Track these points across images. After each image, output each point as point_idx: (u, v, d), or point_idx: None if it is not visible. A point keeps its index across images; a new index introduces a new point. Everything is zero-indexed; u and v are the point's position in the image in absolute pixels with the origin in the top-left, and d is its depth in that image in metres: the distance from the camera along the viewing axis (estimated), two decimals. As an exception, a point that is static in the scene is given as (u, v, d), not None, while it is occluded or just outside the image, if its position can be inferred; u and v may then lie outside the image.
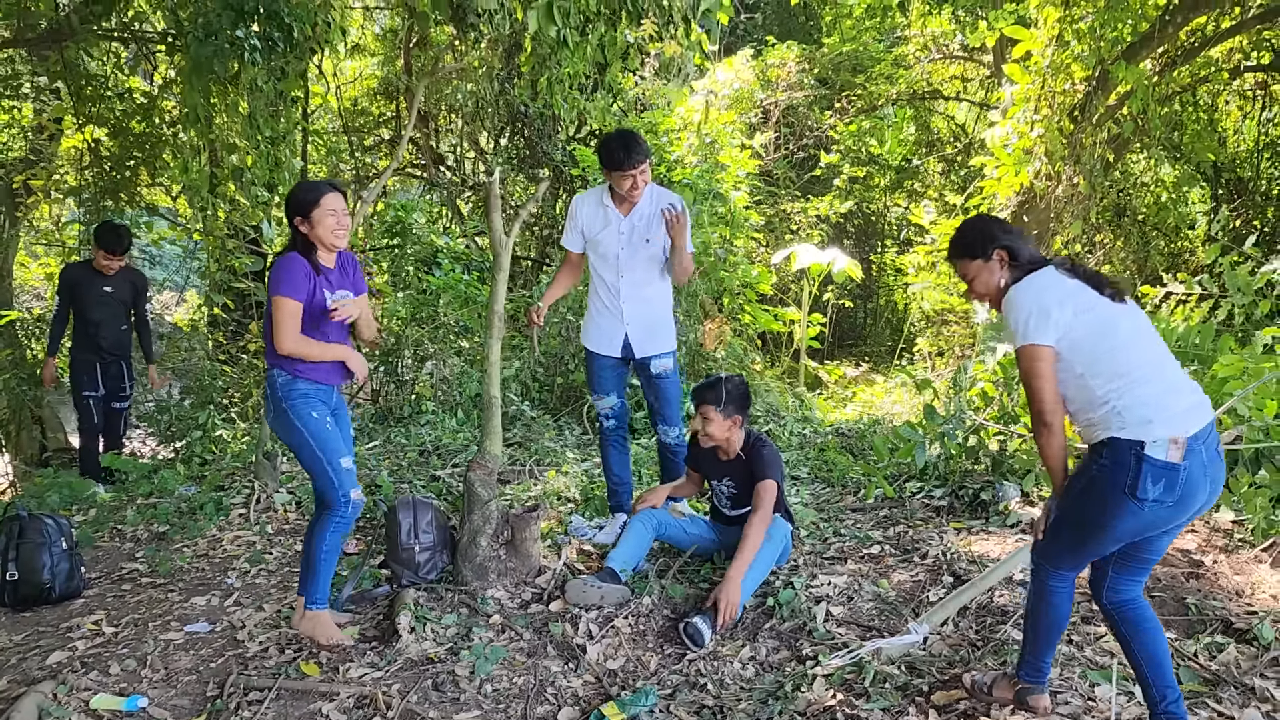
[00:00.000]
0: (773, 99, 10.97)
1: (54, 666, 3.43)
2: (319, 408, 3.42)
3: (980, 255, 2.66)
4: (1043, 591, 2.69)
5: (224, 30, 6.51)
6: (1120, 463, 2.39)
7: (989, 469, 4.90)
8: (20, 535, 4.10)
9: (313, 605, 3.48)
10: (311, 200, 3.35)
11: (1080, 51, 7.19)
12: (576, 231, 4.31)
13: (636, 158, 3.97)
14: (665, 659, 3.44)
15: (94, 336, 5.92)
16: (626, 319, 4.22)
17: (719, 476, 4.11)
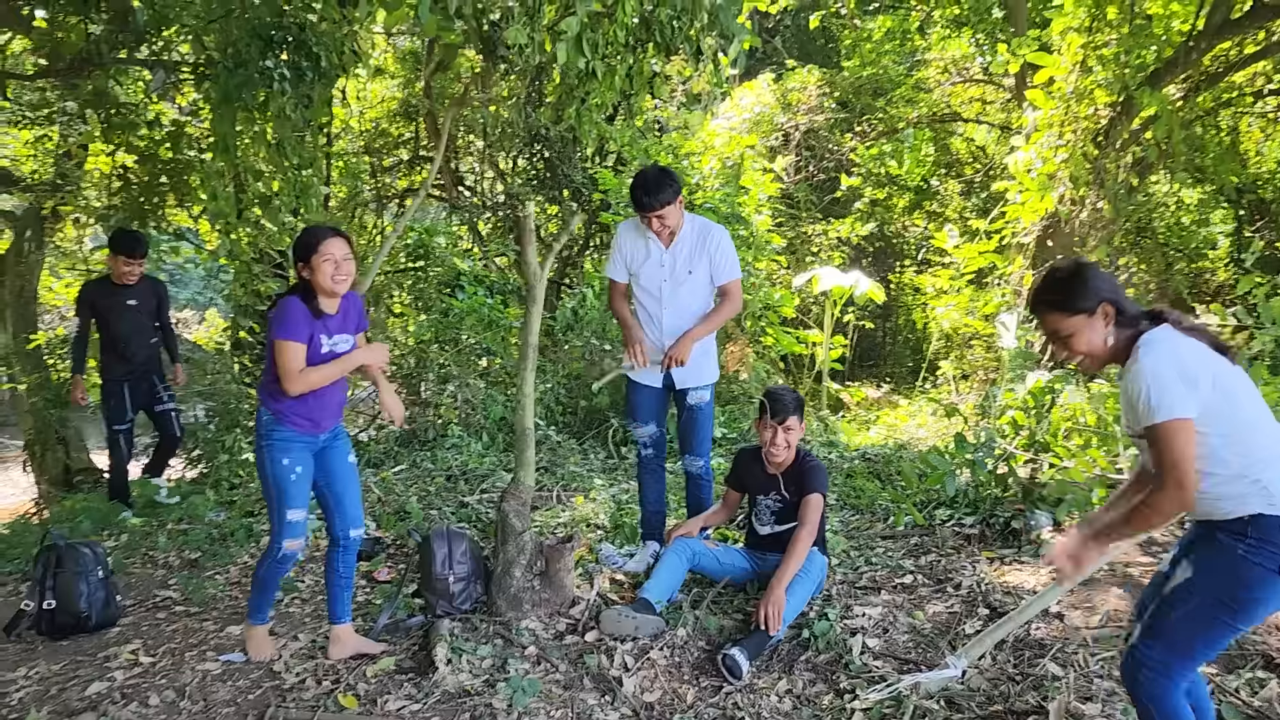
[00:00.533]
0: (793, 122, 11.02)
1: (93, 698, 3.45)
2: (292, 455, 3.46)
3: (1083, 310, 2.37)
4: (1171, 697, 2.33)
5: (254, 60, 6.60)
6: (1273, 540, 2.22)
7: (1020, 497, 4.88)
8: (58, 564, 4.13)
9: (250, 619, 3.73)
10: (311, 246, 3.34)
11: (1104, 77, 7.20)
12: (621, 262, 4.33)
13: (656, 200, 3.99)
14: (702, 691, 3.44)
15: (122, 353, 5.75)
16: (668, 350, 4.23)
17: (765, 491, 4.11)
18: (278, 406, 3.43)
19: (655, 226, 4.08)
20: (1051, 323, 2.43)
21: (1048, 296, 2.44)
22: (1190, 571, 2.32)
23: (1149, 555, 4.16)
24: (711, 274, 4.24)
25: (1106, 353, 2.41)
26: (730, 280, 4.28)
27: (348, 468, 3.68)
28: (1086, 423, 4.78)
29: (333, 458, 3.63)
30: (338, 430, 3.66)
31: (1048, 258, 7.69)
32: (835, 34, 13.82)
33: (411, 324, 9.39)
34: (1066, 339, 2.41)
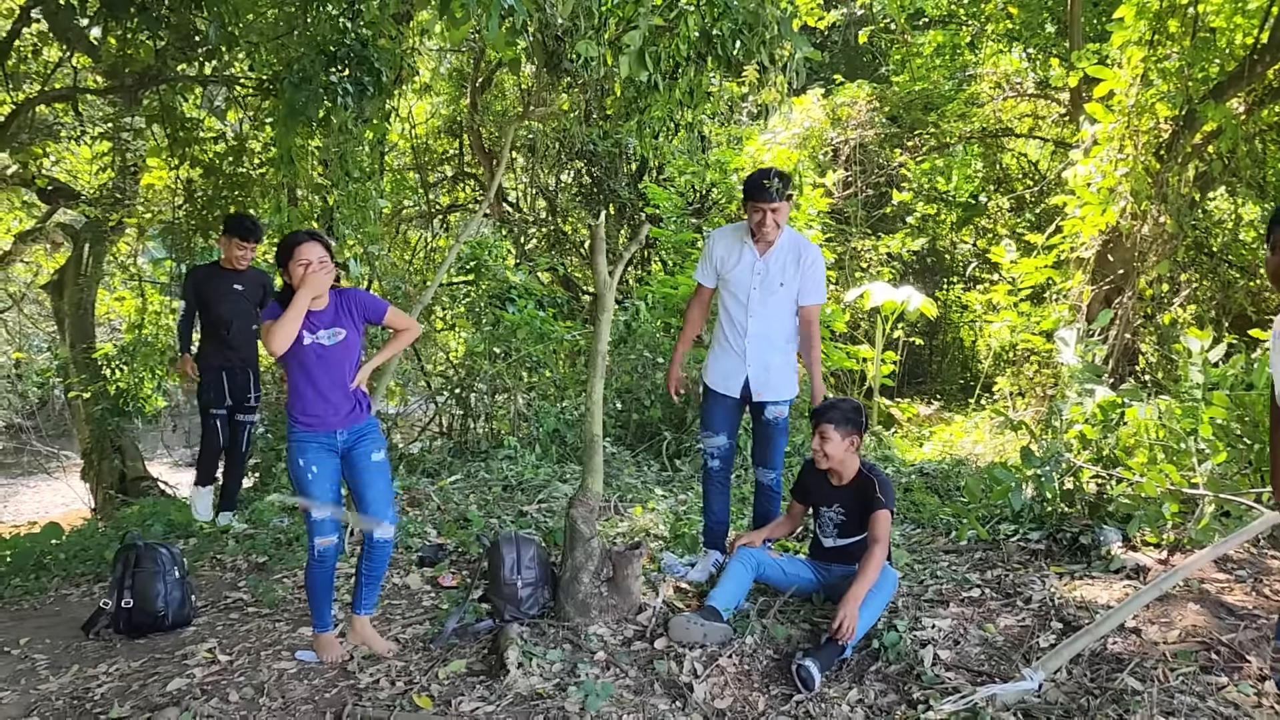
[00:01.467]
0: (843, 137, 11.01)
1: (175, 693, 3.52)
2: (308, 455, 3.60)
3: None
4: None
5: (317, 75, 6.74)
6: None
7: (1086, 512, 4.82)
8: (136, 564, 4.23)
9: (313, 628, 3.82)
10: (288, 250, 3.49)
11: (1166, 91, 7.13)
12: (710, 266, 4.34)
13: (769, 193, 4.02)
14: (772, 699, 3.43)
15: (224, 339, 5.61)
16: (749, 360, 4.25)
17: (829, 503, 4.10)
18: (290, 409, 3.62)
19: (766, 221, 4.07)
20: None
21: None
22: None
23: (1224, 571, 4.10)
24: (800, 291, 4.24)
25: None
26: (815, 303, 4.29)
27: (371, 466, 3.71)
28: (1157, 438, 4.72)
29: (356, 457, 3.70)
30: (363, 430, 3.71)
31: (1107, 273, 7.63)
32: (884, 50, 13.79)
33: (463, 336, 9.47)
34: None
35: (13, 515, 16.00)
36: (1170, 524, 4.39)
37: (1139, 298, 7.66)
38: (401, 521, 5.54)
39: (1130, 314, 7.47)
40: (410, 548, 5.19)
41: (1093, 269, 7.69)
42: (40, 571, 5.34)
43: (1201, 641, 3.44)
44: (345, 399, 3.64)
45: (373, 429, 3.75)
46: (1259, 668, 3.24)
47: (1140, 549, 4.41)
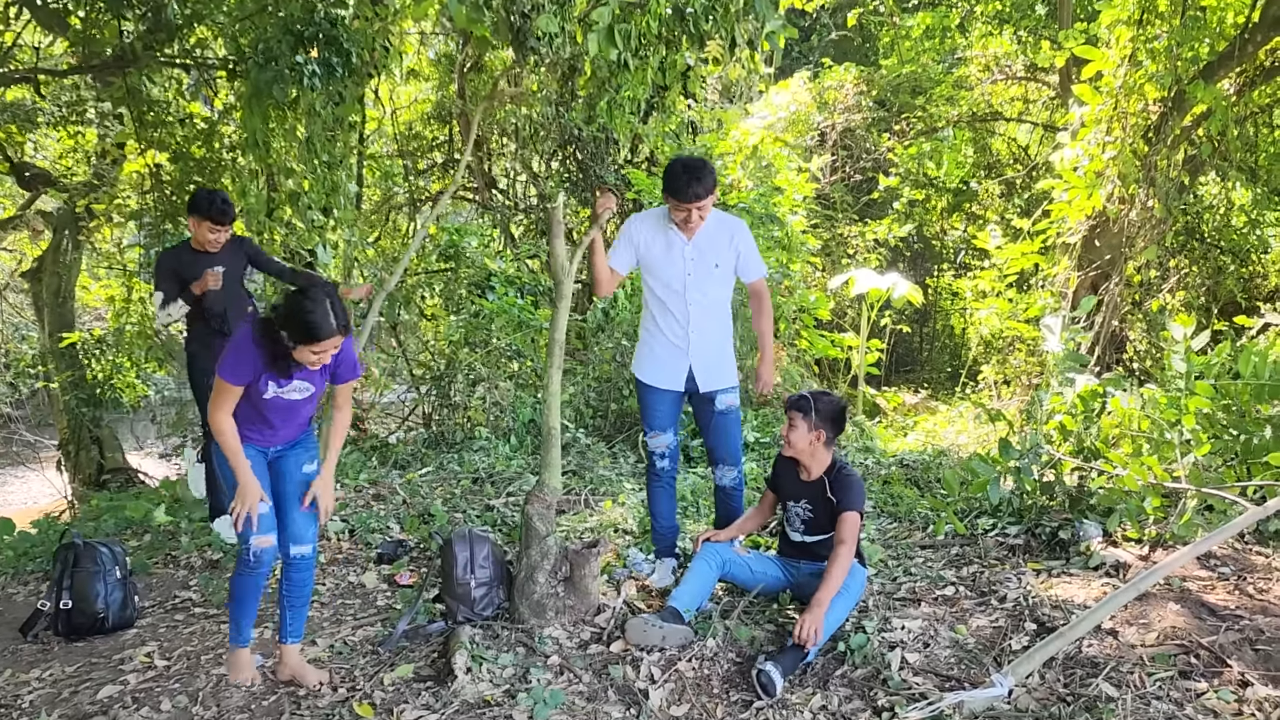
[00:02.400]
0: (830, 122, 10.81)
1: (105, 701, 3.36)
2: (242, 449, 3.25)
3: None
4: None
5: (284, 56, 6.54)
6: None
7: (1066, 506, 4.66)
8: (75, 564, 4.06)
9: (230, 640, 3.45)
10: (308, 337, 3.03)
11: (1155, 71, 6.94)
12: (630, 250, 4.05)
13: (701, 189, 3.78)
14: (731, 706, 3.27)
15: (219, 330, 4.91)
16: (692, 351, 4.05)
17: (796, 498, 3.94)
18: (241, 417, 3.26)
19: (692, 218, 3.86)
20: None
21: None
22: None
23: (1207, 569, 3.94)
24: (739, 269, 4.07)
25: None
26: (759, 278, 4.15)
27: (299, 477, 3.41)
28: (1139, 429, 4.55)
29: (285, 466, 3.41)
30: (293, 441, 3.43)
31: (1094, 259, 7.45)
32: (873, 33, 13.59)
33: (442, 325, 9.29)
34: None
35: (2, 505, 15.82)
36: (1152, 519, 4.23)
37: (1126, 284, 7.49)
38: (363, 516, 5.37)
39: (1117, 300, 7.30)
40: (370, 544, 5.02)
41: (1079, 255, 7.51)
42: (-13, 569, 5.16)
43: (1181, 644, 3.28)
44: (293, 432, 3.39)
45: (307, 438, 3.48)
46: (1240, 672, 3.08)
47: (1121, 544, 4.25)
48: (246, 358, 3.10)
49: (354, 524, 5.25)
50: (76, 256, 12.24)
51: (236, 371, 3.10)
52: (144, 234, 9.12)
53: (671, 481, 4.27)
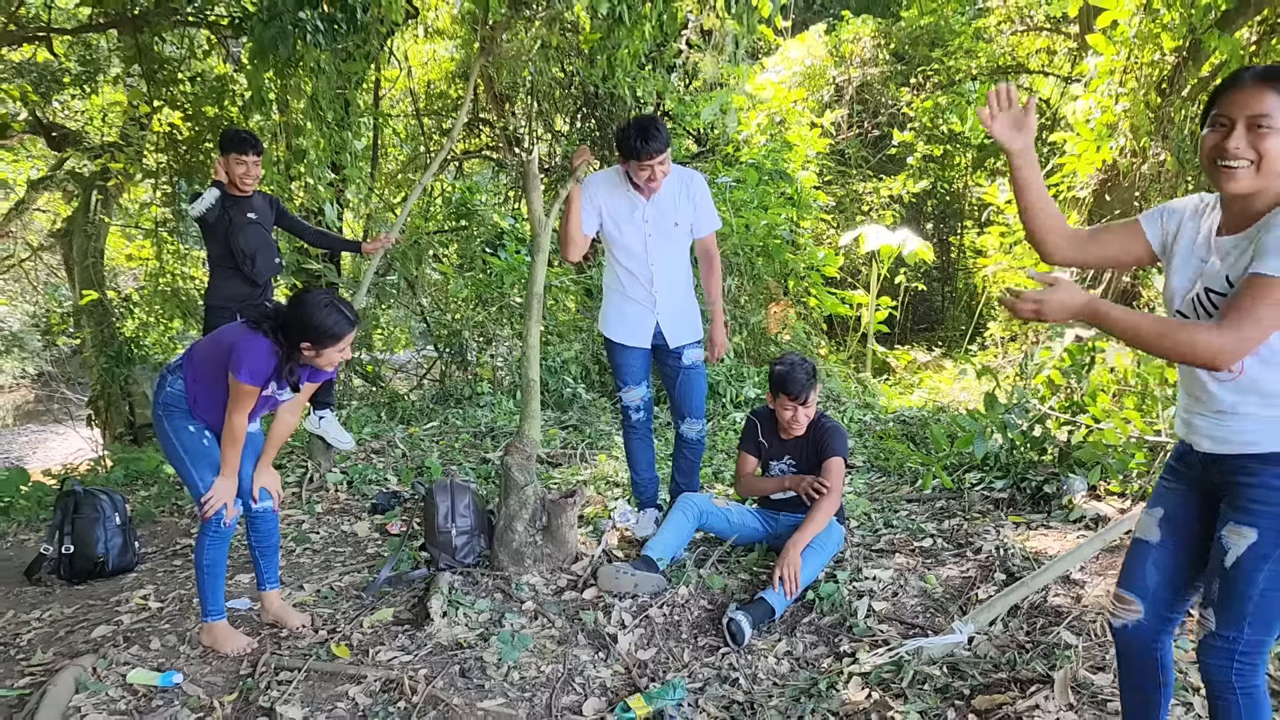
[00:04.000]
0: (846, 75, 10.67)
1: (98, 640, 3.49)
2: (197, 423, 3.28)
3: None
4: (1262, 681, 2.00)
5: (288, 12, 6.55)
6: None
7: (1055, 461, 4.66)
8: (75, 510, 4.20)
9: (206, 617, 3.39)
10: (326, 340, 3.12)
11: (1170, 20, 6.78)
12: (594, 212, 3.99)
13: (654, 146, 3.73)
14: (698, 651, 3.34)
15: (249, 274, 4.89)
16: (659, 308, 4.04)
17: (779, 455, 3.98)
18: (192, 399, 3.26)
19: (655, 175, 3.82)
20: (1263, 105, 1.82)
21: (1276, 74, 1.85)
22: (1253, 536, 1.91)
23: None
24: (694, 224, 4.02)
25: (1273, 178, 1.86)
26: (710, 233, 4.08)
27: (252, 436, 3.42)
28: (1128, 383, 4.53)
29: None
30: None
31: (1105, 213, 7.34)
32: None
33: (452, 283, 9.36)
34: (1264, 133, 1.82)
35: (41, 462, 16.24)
36: (1136, 472, 4.22)
37: (1139, 239, 7.34)
38: (361, 468, 5.48)
39: (1128, 256, 7.16)
40: (366, 495, 5.13)
41: (1090, 209, 7.40)
42: (2, 517, 5.34)
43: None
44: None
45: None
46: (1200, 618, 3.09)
47: (1104, 498, 4.25)
48: (265, 365, 3.14)
49: (352, 475, 5.36)
50: (104, 216, 12.44)
51: (259, 376, 3.15)
52: (159, 193, 9.24)
53: (648, 433, 4.31)
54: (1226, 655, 1.97)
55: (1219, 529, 1.98)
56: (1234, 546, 1.93)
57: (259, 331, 3.14)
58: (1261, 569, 1.90)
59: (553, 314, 8.98)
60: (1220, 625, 1.97)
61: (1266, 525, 1.90)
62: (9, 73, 9.57)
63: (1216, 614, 1.98)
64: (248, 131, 4.95)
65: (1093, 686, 2.77)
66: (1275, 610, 1.93)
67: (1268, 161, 1.83)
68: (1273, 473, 1.90)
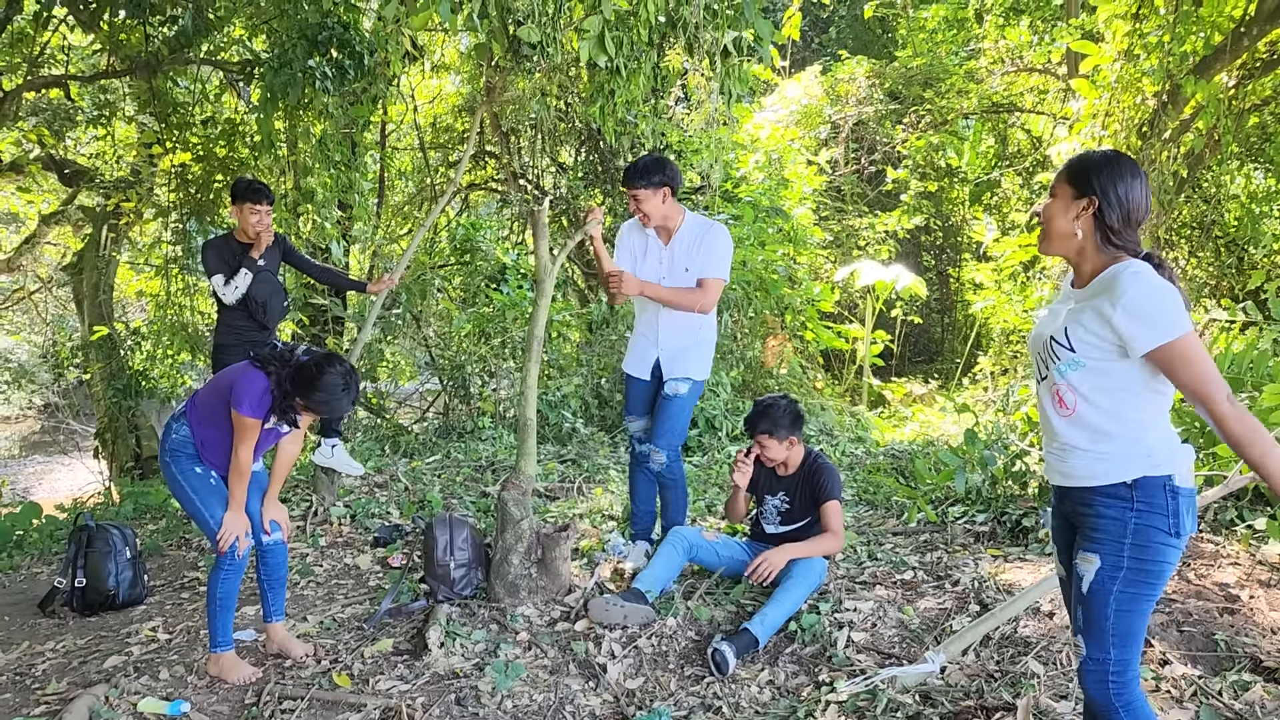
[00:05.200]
0: (842, 114, 10.92)
1: (109, 670, 3.64)
2: (202, 464, 3.44)
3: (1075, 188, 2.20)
4: (1139, 696, 2.20)
5: (298, 60, 6.80)
6: (1158, 501, 2.12)
7: (1036, 495, 4.81)
8: (88, 544, 4.37)
9: (215, 649, 3.51)
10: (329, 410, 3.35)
11: (1150, 66, 7.00)
12: (626, 251, 4.35)
13: (636, 180, 4.06)
14: (684, 680, 3.49)
15: (262, 321, 5.03)
16: (661, 343, 4.28)
17: (773, 492, 4.16)
18: (199, 442, 3.43)
19: (631, 206, 4.15)
20: (1055, 181, 2.27)
21: (1069, 160, 2.28)
22: (1098, 562, 2.15)
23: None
24: (701, 267, 4.19)
25: (1068, 244, 2.22)
26: (710, 277, 4.17)
27: (258, 473, 3.61)
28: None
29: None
30: None
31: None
32: (891, 25, 13.64)
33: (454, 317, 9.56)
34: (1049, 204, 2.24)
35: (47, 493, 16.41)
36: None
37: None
38: (364, 501, 5.65)
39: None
40: (369, 528, 5.29)
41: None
42: (16, 550, 5.51)
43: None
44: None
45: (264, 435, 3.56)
46: (1162, 651, 3.24)
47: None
48: (264, 400, 3.31)
49: (355, 509, 5.52)
50: (114, 251, 12.69)
51: (259, 409, 3.31)
52: (170, 232, 9.47)
53: (649, 467, 4.46)
54: (1100, 677, 2.19)
55: (1075, 558, 2.24)
56: (1086, 573, 2.19)
57: (262, 370, 3.31)
58: (1110, 590, 2.14)
59: (555, 348, 9.17)
60: (1090, 649, 2.21)
61: (1107, 551, 2.15)
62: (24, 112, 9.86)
63: (1085, 639, 2.22)
64: (260, 182, 5.11)
65: (1053, 713, 2.91)
66: (1131, 628, 2.16)
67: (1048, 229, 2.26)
68: (1103, 503, 2.16)
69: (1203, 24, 6.92)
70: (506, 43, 5.72)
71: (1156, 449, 2.15)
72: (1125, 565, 2.13)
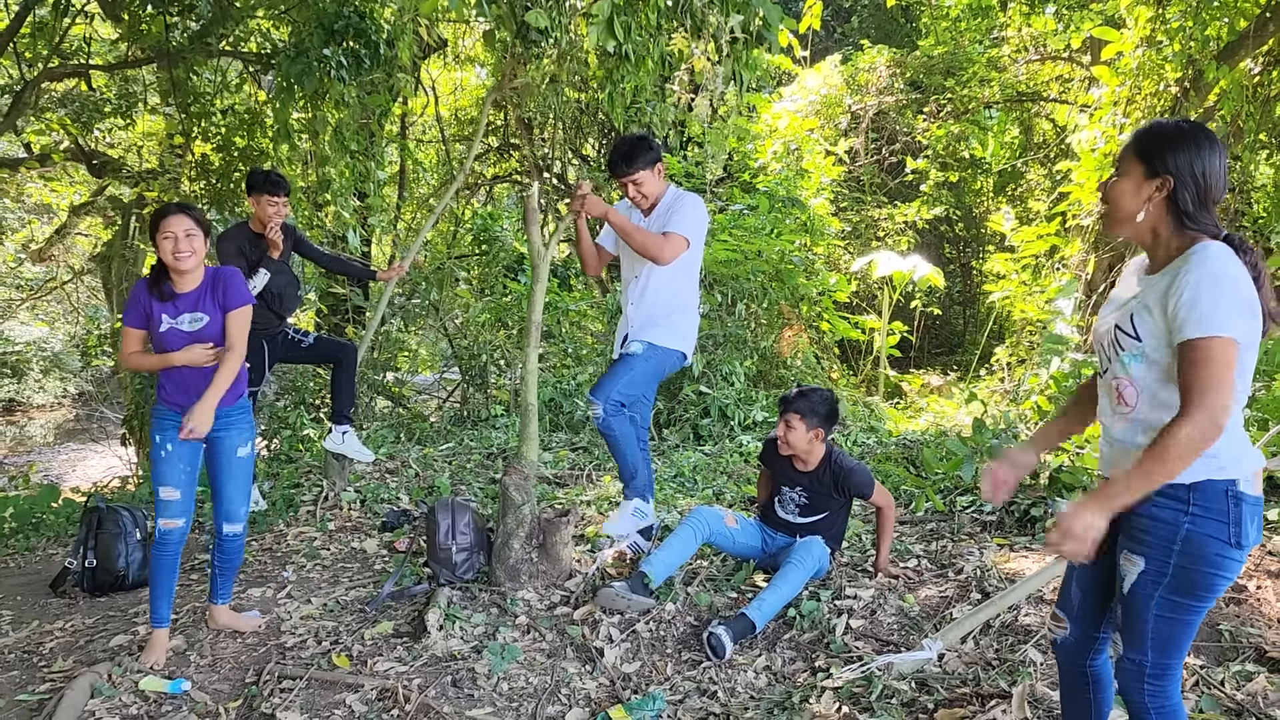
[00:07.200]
0: (862, 104, 10.83)
1: (114, 649, 3.69)
2: (165, 433, 3.44)
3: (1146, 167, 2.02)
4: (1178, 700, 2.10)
5: (314, 49, 6.84)
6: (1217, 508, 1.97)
7: (1046, 485, 4.76)
8: (99, 526, 4.42)
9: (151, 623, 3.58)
10: (153, 224, 3.30)
11: (1172, 52, 6.88)
12: (610, 232, 4.27)
13: (627, 167, 3.96)
14: (681, 665, 3.49)
15: (278, 310, 5.11)
16: (631, 319, 4.17)
17: (791, 484, 4.13)
18: (158, 386, 3.50)
19: (631, 194, 4.04)
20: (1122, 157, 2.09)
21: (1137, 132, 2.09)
22: (1141, 565, 2.02)
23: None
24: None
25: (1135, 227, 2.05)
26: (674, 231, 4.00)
27: (233, 461, 3.58)
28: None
29: (218, 447, 3.55)
30: (230, 419, 3.54)
31: (1109, 240, 7.42)
32: (914, 13, 13.51)
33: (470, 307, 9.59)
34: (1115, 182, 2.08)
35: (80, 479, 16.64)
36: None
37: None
38: (374, 487, 5.68)
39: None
40: (377, 513, 5.32)
41: (1095, 236, 7.48)
42: (33, 532, 5.60)
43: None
44: (207, 383, 3.39)
45: (242, 418, 3.59)
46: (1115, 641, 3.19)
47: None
48: (134, 296, 3.40)
49: (365, 494, 5.56)
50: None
51: (129, 312, 3.41)
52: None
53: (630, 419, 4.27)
54: (1137, 676, 2.08)
55: (1117, 556, 2.11)
56: (1128, 574, 2.05)
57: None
58: (1153, 595, 2.01)
59: (571, 336, 9.18)
60: (1127, 649, 2.09)
61: (1153, 555, 2.00)
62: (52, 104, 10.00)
63: (1123, 637, 2.10)
64: (277, 173, 5.10)
65: (1049, 701, 2.88)
66: (1173, 635, 2.03)
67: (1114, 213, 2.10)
68: (1157, 503, 2.00)
69: (1226, 8, 6.79)
70: (515, 28, 5.71)
71: (1222, 451, 1.95)
72: (1170, 573, 1.98)
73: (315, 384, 8.61)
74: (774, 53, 5.93)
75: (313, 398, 8.44)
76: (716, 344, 7.81)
